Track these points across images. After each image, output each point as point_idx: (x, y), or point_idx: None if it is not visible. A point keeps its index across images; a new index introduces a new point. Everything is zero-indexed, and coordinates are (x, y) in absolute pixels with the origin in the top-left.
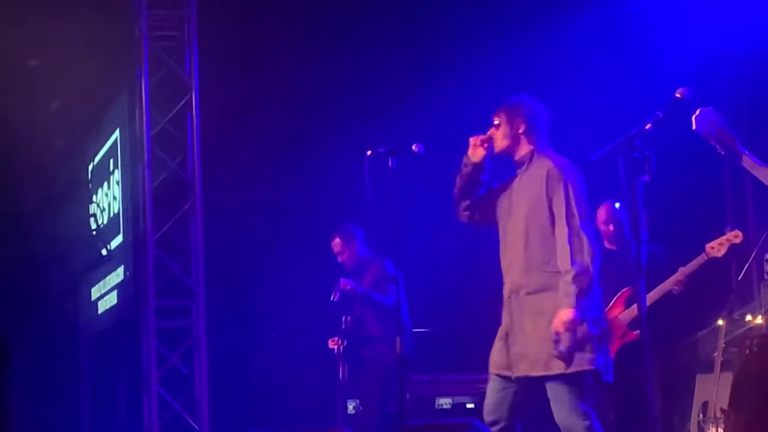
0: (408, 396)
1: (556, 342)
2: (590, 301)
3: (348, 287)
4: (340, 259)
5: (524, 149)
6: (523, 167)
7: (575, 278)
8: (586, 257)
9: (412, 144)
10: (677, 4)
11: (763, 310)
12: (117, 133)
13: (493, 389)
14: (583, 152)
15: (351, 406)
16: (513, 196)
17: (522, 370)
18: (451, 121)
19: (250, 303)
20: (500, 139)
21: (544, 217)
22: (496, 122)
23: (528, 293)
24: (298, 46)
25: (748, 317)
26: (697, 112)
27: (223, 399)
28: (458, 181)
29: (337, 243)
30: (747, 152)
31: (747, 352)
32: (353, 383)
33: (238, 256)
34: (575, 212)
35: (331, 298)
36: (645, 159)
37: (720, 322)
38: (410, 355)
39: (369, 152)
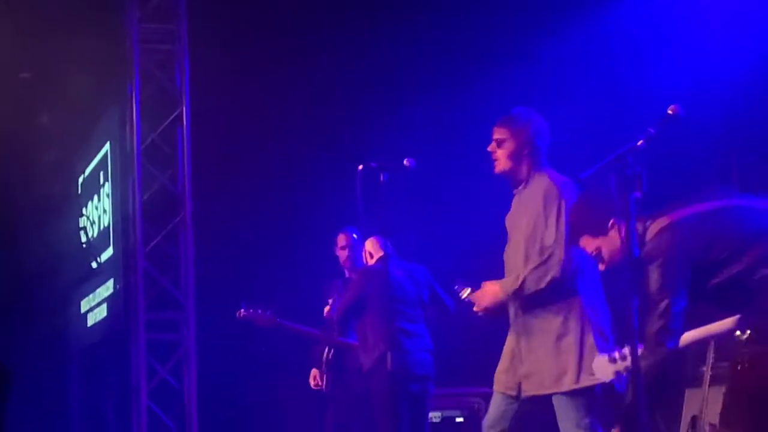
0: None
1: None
2: (597, 312)
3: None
4: (341, 257)
5: (525, 169)
6: (521, 186)
7: (525, 280)
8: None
9: (404, 159)
10: (670, 21)
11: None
12: (107, 147)
13: (496, 403)
14: (575, 169)
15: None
16: (512, 217)
17: (530, 391)
18: (441, 135)
19: None
20: (503, 160)
21: (542, 234)
22: (497, 137)
23: (535, 314)
24: (289, 60)
25: (738, 332)
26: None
27: (213, 412)
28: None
29: (342, 237)
30: None
31: (738, 368)
32: (339, 395)
33: (228, 269)
34: (560, 229)
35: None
36: (637, 176)
37: None
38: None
39: (360, 167)
